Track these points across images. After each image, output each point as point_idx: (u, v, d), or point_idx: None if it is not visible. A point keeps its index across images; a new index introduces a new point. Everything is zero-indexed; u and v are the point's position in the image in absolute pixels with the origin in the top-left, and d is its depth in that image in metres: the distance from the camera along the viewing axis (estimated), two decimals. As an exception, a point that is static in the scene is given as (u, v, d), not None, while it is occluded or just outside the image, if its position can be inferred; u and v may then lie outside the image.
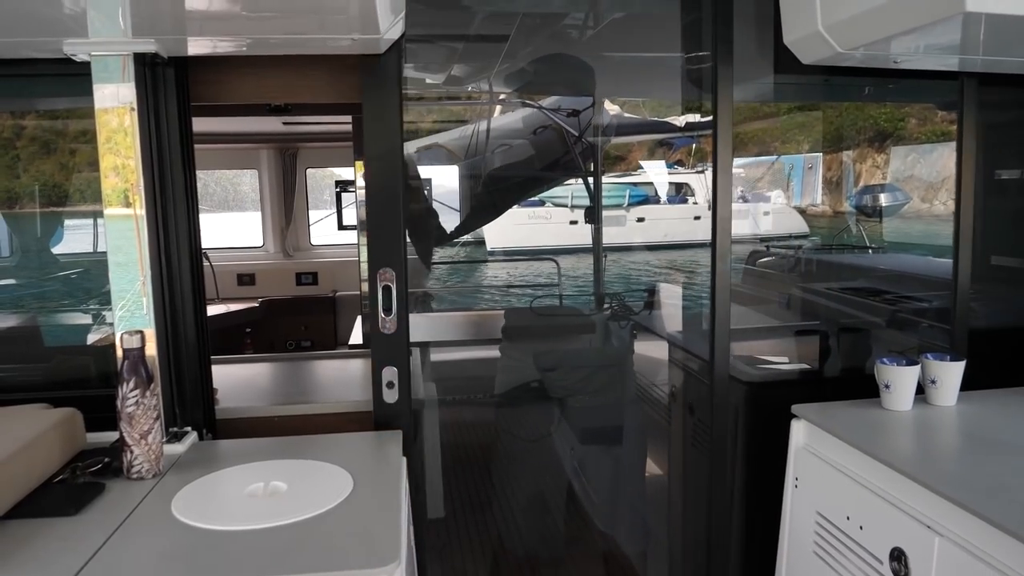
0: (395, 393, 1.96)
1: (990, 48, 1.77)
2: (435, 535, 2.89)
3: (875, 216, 4.60)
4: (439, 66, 4.14)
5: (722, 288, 2.13)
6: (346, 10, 1.45)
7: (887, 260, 4.20)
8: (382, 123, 1.88)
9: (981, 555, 1.33)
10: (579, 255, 6.66)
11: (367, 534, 1.30)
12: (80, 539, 1.28)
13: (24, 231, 4.82)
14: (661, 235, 8.72)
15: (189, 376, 1.89)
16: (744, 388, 2.26)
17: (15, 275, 4.82)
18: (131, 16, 1.50)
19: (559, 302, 6.11)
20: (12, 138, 4.25)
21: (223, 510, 1.41)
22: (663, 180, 9.21)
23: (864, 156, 4.57)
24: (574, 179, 5.73)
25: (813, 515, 1.85)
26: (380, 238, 1.93)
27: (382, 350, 1.95)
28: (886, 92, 3.14)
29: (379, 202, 1.92)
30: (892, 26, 1.59)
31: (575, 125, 5.47)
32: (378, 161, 1.90)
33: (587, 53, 3.58)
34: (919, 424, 1.84)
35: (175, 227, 1.85)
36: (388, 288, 1.91)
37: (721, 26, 2.06)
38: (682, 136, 5.53)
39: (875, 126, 4.29)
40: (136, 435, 1.55)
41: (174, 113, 1.82)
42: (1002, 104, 2.71)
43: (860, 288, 3.00)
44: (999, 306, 2.88)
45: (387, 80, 1.86)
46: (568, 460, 3.31)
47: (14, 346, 2.78)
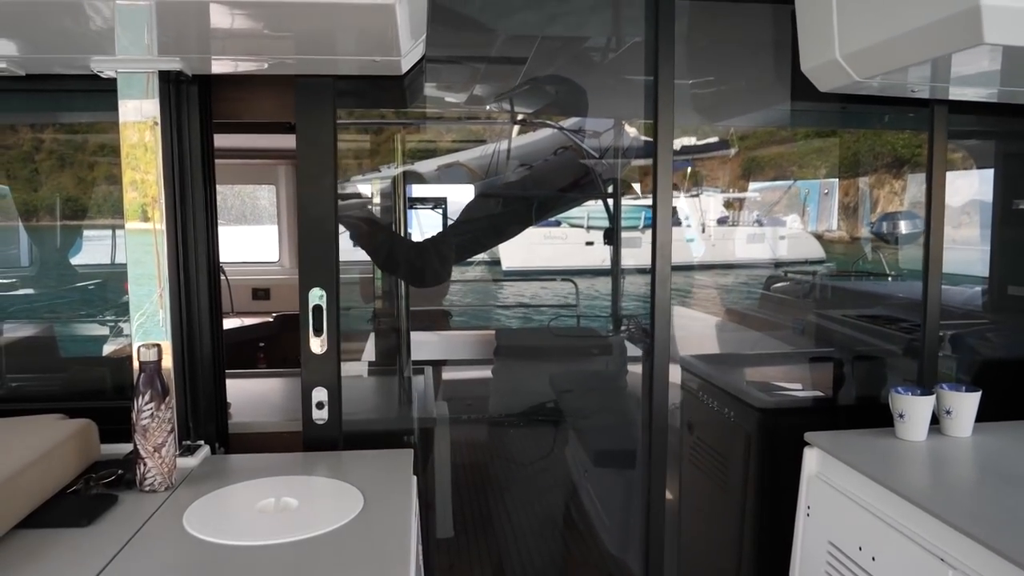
0: (325, 414, 1.95)
1: (1008, 79, 1.77)
2: (444, 553, 2.89)
3: (893, 243, 4.58)
4: (462, 85, 4.18)
5: (661, 312, 2.13)
6: (368, 33, 1.47)
7: (904, 288, 4.17)
8: (316, 147, 1.89)
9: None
10: (593, 276, 6.67)
11: (377, 553, 1.30)
12: (91, 551, 1.29)
13: (43, 242, 4.88)
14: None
15: (204, 390, 1.91)
16: (757, 415, 2.25)
17: (33, 285, 4.86)
18: (157, 35, 1.52)
19: (577, 322, 6.13)
20: (32, 152, 4.32)
21: (234, 525, 1.41)
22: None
23: (882, 182, 4.55)
24: (593, 200, 5.75)
25: (825, 544, 1.83)
26: (311, 258, 1.93)
27: (312, 371, 1.94)
28: (905, 120, 3.14)
29: (311, 222, 1.92)
30: (911, 56, 1.60)
31: (595, 147, 5.50)
32: (311, 181, 1.90)
33: (609, 76, 3.60)
34: (933, 455, 1.82)
35: (194, 241, 1.87)
36: (319, 308, 1.91)
37: (663, 44, 2.05)
38: (678, 160, 5.57)
39: (893, 152, 4.28)
40: (150, 448, 1.56)
41: (196, 129, 1.85)
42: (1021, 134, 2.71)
43: (877, 316, 2.99)
44: (1017, 337, 2.86)
45: (322, 103, 1.87)
46: (580, 482, 3.30)
47: (31, 356, 2.82)
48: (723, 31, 2.65)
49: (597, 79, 3.66)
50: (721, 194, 6.48)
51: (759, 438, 2.23)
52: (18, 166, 4.26)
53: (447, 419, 2.93)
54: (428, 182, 5.64)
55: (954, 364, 2.39)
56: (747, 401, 2.30)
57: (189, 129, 1.83)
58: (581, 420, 3.30)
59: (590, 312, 5.85)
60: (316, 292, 1.91)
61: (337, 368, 1.95)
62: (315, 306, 1.90)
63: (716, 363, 2.70)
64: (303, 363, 1.94)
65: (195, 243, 1.88)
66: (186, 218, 1.84)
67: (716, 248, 10.08)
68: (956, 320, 3.36)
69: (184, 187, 1.83)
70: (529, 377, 3.40)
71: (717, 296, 5.46)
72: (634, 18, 2.71)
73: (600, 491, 3.22)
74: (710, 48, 2.89)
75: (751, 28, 2.49)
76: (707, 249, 10.01)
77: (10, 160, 4.03)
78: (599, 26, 3.10)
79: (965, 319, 3.28)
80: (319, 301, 1.91)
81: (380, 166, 7.07)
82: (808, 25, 1.88)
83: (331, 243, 1.93)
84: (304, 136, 1.88)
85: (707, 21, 2.53)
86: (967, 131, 3.18)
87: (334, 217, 1.92)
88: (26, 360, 2.63)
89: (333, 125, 1.89)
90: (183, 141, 1.81)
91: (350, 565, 1.26)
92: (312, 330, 1.91)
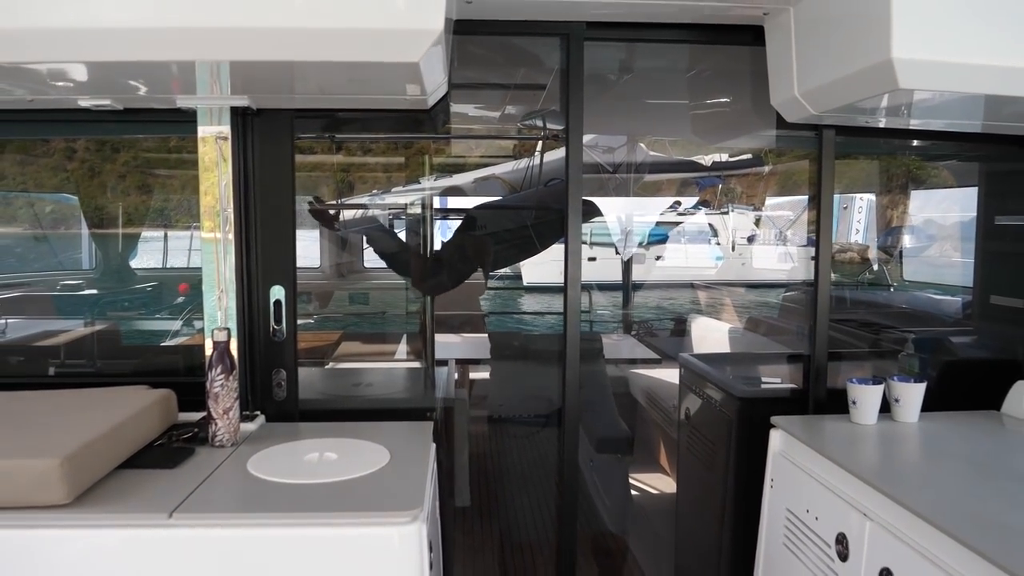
0: (283, 392, 2.27)
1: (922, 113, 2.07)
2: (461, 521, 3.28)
3: (896, 257, 4.83)
4: (495, 105, 4.52)
5: (572, 323, 2.40)
6: (399, 82, 1.83)
7: (895, 297, 4.42)
8: (276, 167, 2.20)
9: (902, 536, 1.61)
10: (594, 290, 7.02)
11: (399, 489, 1.65)
12: (179, 486, 1.66)
13: (107, 248, 5.35)
14: (681, 274, 9.06)
15: (261, 372, 2.27)
16: (738, 403, 2.56)
17: (97, 286, 5.33)
18: (230, 82, 1.91)
19: (590, 327, 6.44)
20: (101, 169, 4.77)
21: (286, 469, 1.77)
22: (692, 220, 9.50)
23: (896, 202, 4.78)
24: (599, 216, 6.04)
25: (784, 511, 2.13)
26: (270, 257, 2.23)
27: (273, 355, 2.26)
28: (895, 147, 3.42)
29: (271, 225, 2.22)
30: (849, 96, 1.91)
31: (610, 162, 5.82)
32: (270, 186, 2.20)
33: (622, 98, 3.93)
34: (876, 435, 2.12)
35: (257, 246, 2.22)
36: (279, 303, 2.22)
37: (573, 82, 2.29)
38: (708, 176, 5.81)
39: (908, 172, 4.50)
40: (220, 411, 1.93)
41: (270, 151, 2.20)
42: (1000, 156, 2.97)
43: (854, 320, 3.27)
44: (991, 341, 3.10)
45: (279, 123, 2.18)
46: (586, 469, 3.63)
47: (98, 344, 3.26)
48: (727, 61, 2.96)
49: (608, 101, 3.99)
50: (753, 212, 6.70)
51: (738, 423, 2.53)
52: (85, 179, 4.70)
53: (466, 402, 3.27)
54: (467, 194, 5.97)
55: (916, 360, 2.66)
56: (730, 392, 2.61)
57: (255, 151, 2.19)
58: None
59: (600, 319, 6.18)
60: (276, 289, 2.24)
61: (294, 354, 2.28)
62: (275, 301, 2.23)
63: (710, 362, 3.00)
64: (265, 350, 2.25)
65: (259, 249, 2.23)
66: (249, 226, 2.21)
67: (745, 267, 10.31)
68: (933, 326, 3.62)
69: (248, 199, 2.20)
70: (522, 373, 3.75)
71: (735, 309, 5.75)
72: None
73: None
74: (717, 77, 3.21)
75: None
76: (736, 267, 10.23)
77: (76, 173, 4.50)
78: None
79: (956, 326, 3.54)
80: (279, 296, 2.23)
81: (419, 178, 7.48)
82: (775, 66, 2.19)
83: (289, 245, 2.24)
84: (265, 155, 2.20)
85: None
86: (949, 154, 3.45)
87: (292, 222, 2.24)
88: (94, 347, 3.07)
89: (291, 142, 2.20)
90: (248, 161, 2.18)
91: (378, 496, 1.61)
92: (273, 321, 2.23)
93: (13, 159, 3.68)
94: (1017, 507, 1.58)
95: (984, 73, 1.70)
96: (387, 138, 4.75)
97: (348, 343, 4.79)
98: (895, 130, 2.42)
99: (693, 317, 5.87)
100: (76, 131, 2.59)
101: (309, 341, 4.92)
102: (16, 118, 2.19)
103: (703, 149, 5.30)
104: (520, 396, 3.83)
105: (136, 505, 1.56)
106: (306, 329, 5.55)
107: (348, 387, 2.83)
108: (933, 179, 4.01)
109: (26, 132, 2.58)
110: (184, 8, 1.54)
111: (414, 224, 4.39)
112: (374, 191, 6.41)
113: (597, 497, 3.88)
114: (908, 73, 1.68)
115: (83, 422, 1.71)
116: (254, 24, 1.56)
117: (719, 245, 10.97)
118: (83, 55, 1.62)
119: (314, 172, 5.43)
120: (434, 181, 7.15)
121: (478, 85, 3.50)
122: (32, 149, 3.72)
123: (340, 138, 3.63)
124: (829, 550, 1.85)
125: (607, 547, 3.52)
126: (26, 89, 1.90)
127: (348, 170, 5.95)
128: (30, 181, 4.07)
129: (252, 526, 1.54)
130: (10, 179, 3.93)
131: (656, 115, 4.12)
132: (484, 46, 2.86)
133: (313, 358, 4.69)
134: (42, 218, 5.00)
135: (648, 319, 6.53)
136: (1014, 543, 1.39)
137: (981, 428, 2.18)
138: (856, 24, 1.78)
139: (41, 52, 1.59)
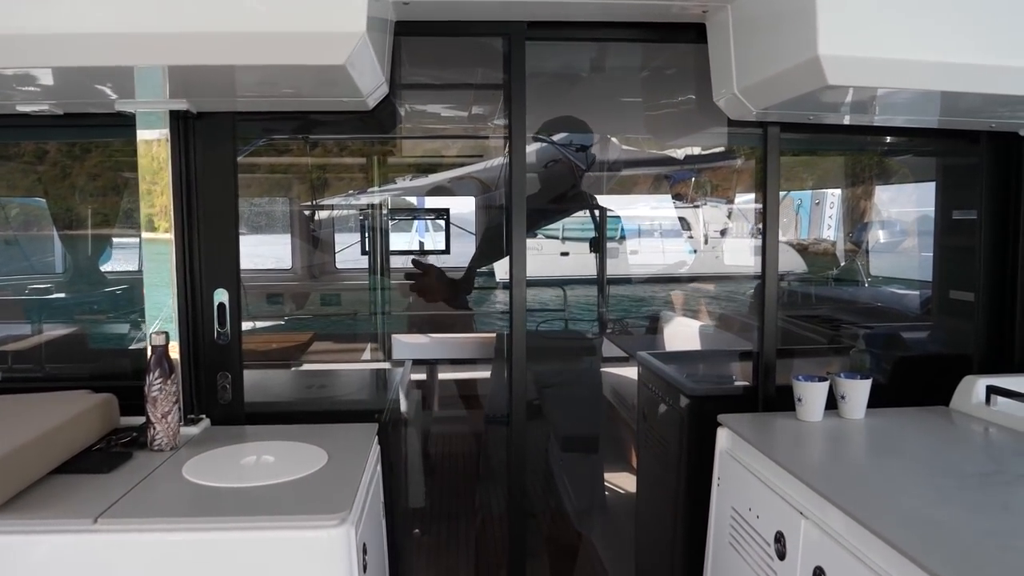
0: (229, 395, 2.27)
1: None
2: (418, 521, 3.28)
3: (863, 251, 4.85)
4: (463, 105, 4.53)
5: (519, 322, 2.41)
6: (332, 84, 1.82)
7: (861, 293, 4.44)
8: (217, 170, 2.20)
9: (833, 534, 1.61)
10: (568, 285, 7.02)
11: (331, 492, 1.64)
12: (110, 490, 1.65)
13: (77, 250, 5.32)
14: (657, 269, 9.02)
15: (207, 376, 2.26)
16: (688, 401, 2.57)
17: (67, 289, 5.30)
18: (169, 85, 1.90)
19: (565, 325, 6.44)
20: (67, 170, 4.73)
21: (221, 473, 1.77)
22: (664, 215, 9.46)
23: (862, 197, 4.79)
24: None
25: (729, 510, 2.13)
26: (213, 260, 2.23)
27: (218, 358, 2.26)
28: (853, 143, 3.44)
29: (214, 228, 2.22)
30: (782, 94, 1.92)
31: (583, 160, 5.81)
32: (212, 189, 2.20)
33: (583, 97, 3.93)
34: (819, 432, 2.12)
35: (199, 249, 2.21)
36: (223, 306, 2.22)
37: (515, 92, 2.30)
38: (681, 170, 5.83)
39: (873, 167, 4.51)
40: (158, 415, 1.93)
41: (212, 154, 2.19)
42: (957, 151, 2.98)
43: (817, 316, 3.28)
44: (948, 335, 3.12)
45: (221, 126, 2.18)
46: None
47: (65, 347, 3.24)
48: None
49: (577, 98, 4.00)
50: (725, 205, 6.71)
51: (688, 422, 2.53)
52: (56, 182, 4.66)
53: (417, 402, 3.29)
54: (453, 192, 5.98)
55: (869, 357, 2.67)
56: (681, 390, 2.62)
57: (196, 154, 2.18)
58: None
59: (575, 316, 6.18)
60: (220, 292, 2.23)
61: (239, 356, 2.28)
62: (219, 304, 2.23)
63: (666, 360, 3.01)
64: (209, 353, 2.25)
65: (200, 250, 2.22)
66: (192, 229, 2.19)
67: (718, 260, 10.29)
68: (896, 321, 3.64)
69: (191, 202, 2.19)
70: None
71: (704, 303, 5.75)
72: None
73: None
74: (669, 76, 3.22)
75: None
76: (708, 260, 10.24)
77: (46, 176, 4.47)
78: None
79: (918, 321, 3.55)
80: (223, 299, 2.23)
81: (395, 178, 7.47)
82: (716, 63, 2.20)
83: (233, 248, 2.24)
84: (208, 162, 2.20)
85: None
86: (904, 149, 3.47)
87: (235, 225, 2.24)
88: (60, 351, 3.04)
89: (233, 150, 2.21)
90: (190, 164, 2.17)
91: (306, 501, 1.61)
92: (217, 324, 2.24)
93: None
94: (947, 502, 1.58)
95: (913, 69, 1.71)
96: (330, 138, 4.73)
97: (320, 343, 4.80)
98: (842, 126, 2.42)
99: (666, 315, 5.88)
100: (17, 136, 2.57)
101: (280, 342, 4.92)
102: None
103: (677, 144, 5.31)
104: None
105: (63, 511, 1.55)
106: (278, 330, 5.56)
107: (301, 389, 2.83)
108: (896, 175, 4.03)
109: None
110: (112, 13, 1.54)
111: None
112: (349, 192, 6.41)
113: (565, 495, 3.88)
114: (835, 69, 1.69)
115: (13, 427, 1.70)
116: (181, 29, 1.56)
117: (691, 239, 10.97)
118: (16, 61, 1.62)
119: (288, 174, 5.43)
120: (409, 181, 7.14)
121: (432, 86, 3.49)
122: (2, 152, 3.70)
123: (278, 138, 3.61)
124: (768, 548, 1.86)
125: (571, 545, 3.53)
126: None
127: (323, 170, 5.93)
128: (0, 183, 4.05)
129: (179, 530, 1.53)
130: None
131: (616, 114, 4.13)
132: (444, 45, 2.86)
133: (283, 359, 4.70)
134: (10, 220, 4.97)
135: (621, 317, 6.54)
136: (938, 540, 1.39)
137: (927, 424, 2.19)
138: (786, 21, 1.79)
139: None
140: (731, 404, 2.37)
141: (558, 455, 3.72)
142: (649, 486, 3.02)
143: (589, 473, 3.60)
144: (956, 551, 1.34)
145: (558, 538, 3.54)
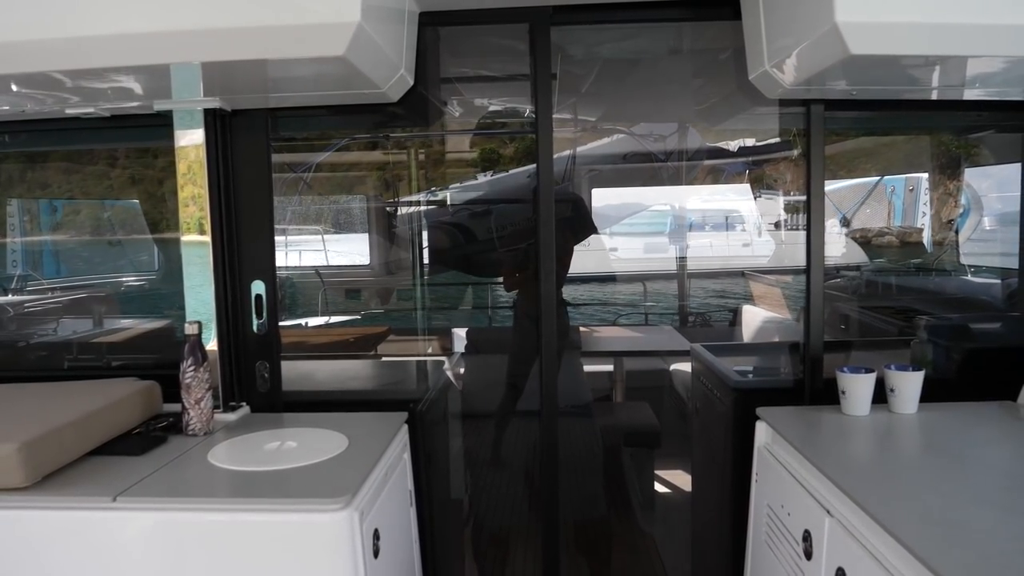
0: (267, 384, 2.31)
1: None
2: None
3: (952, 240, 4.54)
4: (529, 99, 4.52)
5: (547, 301, 2.38)
6: (347, 76, 1.85)
7: (943, 283, 4.14)
8: (253, 166, 2.24)
9: (857, 534, 1.51)
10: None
11: (341, 477, 1.67)
12: (137, 471, 1.74)
13: (169, 251, 5.65)
14: (723, 263, 8.63)
15: (246, 365, 2.34)
16: (733, 394, 2.46)
17: (160, 286, 5.64)
18: (203, 85, 1.98)
19: (644, 319, 6.34)
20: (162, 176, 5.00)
21: (243, 457, 1.83)
22: (736, 208, 9.13)
23: (937, 184, 4.48)
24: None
25: (765, 508, 2.03)
26: (251, 253, 2.27)
27: (257, 348, 2.30)
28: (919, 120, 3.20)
29: (250, 222, 2.26)
30: (811, 67, 1.81)
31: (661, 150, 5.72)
32: (248, 185, 2.25)
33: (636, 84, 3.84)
34: (862, 427, 1.99)
35: (237, 243, 2.29)
36: (259, 297, 2.25)
37: (540, 80, 2.26)
38: (733, 162, 5.63)
39: (947, 152, 4.21)
40: (192, 401, 2.01)
41: (248, 151, 2.26)
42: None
43: (890, 307, 3.08)
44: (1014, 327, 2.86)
45: (255, 123, 2.23)
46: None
47: (155, 340, 3.47)
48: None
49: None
50: (781, 197, 6.41)
51: (733, 415, 2.43)
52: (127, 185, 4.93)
53: (458, 393, 3.30)
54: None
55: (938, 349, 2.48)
56: (727, 383, 2.51)
57: (232, 151, 2.26)
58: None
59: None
60: (257, 284, 2.28)
61: (277, 347, 2.32)
62: (256, 295, 2.28)
63: (719, 352, 2.90)
64: (248, 343, 2.30)
65: (239, 247, 2.29)
66: (229, 223, 2.27)
67: (774, 253, 9.91)
68: (975, 311, 3.37)
69: (228, 198, 2.26)
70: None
71: (784, 295, 5.53)
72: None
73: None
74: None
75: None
76: (786, 252, 9.86)
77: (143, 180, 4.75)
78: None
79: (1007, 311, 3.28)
80: (260, 291, 2.28)
81: (477, 174, 7.58)
82: (749, 39, 2.09)
83: (268, 241, 2.29)
84: (243, 157, 2.25)
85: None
86: (984, 125, 3.20)
87: (271, 219, 2.28)
88: (150, 343, 3.27)
89: (268, 146, 2.26)
90: (227, 160, 2.25)
91: (314, 485, 1.64)
92: (255, 315, 2.29)
93: (58, 168, 3.93)
94: (980, 503, 1.45)
95: (942, 32, 1.57)
96: (406, 136, 4.81)
97: (394, 337, 4.91)
98: (891, 101, 2.25)
99: (745, 307, 5.69)
100: (69, 140, 2.74)
101: (356, 335, 5.07)
102: (13, 129, 2.34)
103: (724, 135, 5.13)
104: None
105: (88, 489, 1.65)
106: (353, 324, 5.73)
107: (344, 380, 2.89)
108: (971, 156, 3.74)
109: (24, 144, 2.76)
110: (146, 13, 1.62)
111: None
112: (433, 188, 6.54)
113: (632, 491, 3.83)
114: (857, 37, 1.58)
115: (55, 410, 1.81)
116: (180, 28, 1.62)
117: (745, 232, 10.52)
118: (40, 65, 1.73)
119: (350, 172, 5.57)
120: (489, 177, 7.21)
121: (470, 79, 3.48)
122: (77, 158, 3.96)
123: (360, 137, 3.69)
124: (797, 547, 1.76)
125: (634, 543, 3.47)
126: (8, 102, 2.03)
127: (399, 167, 6.05)
128: (76, 189, 4.33)
129: (190, 510, 1.59)
130: (55, 187, 4.19)
131: (659, 100, 4.02)
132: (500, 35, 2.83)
133: (362, 350, 4.83)
134: (103, 224, 5.31)
135: (701, 310, 6.38)
136: (954, 542, 1.28)
137: (986, 419, 2.02)
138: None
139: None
140: (778, 397, 2.26)
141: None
142: (700, 482, 2.92)
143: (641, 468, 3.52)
144: (975, 555, 1.23)
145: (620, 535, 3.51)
